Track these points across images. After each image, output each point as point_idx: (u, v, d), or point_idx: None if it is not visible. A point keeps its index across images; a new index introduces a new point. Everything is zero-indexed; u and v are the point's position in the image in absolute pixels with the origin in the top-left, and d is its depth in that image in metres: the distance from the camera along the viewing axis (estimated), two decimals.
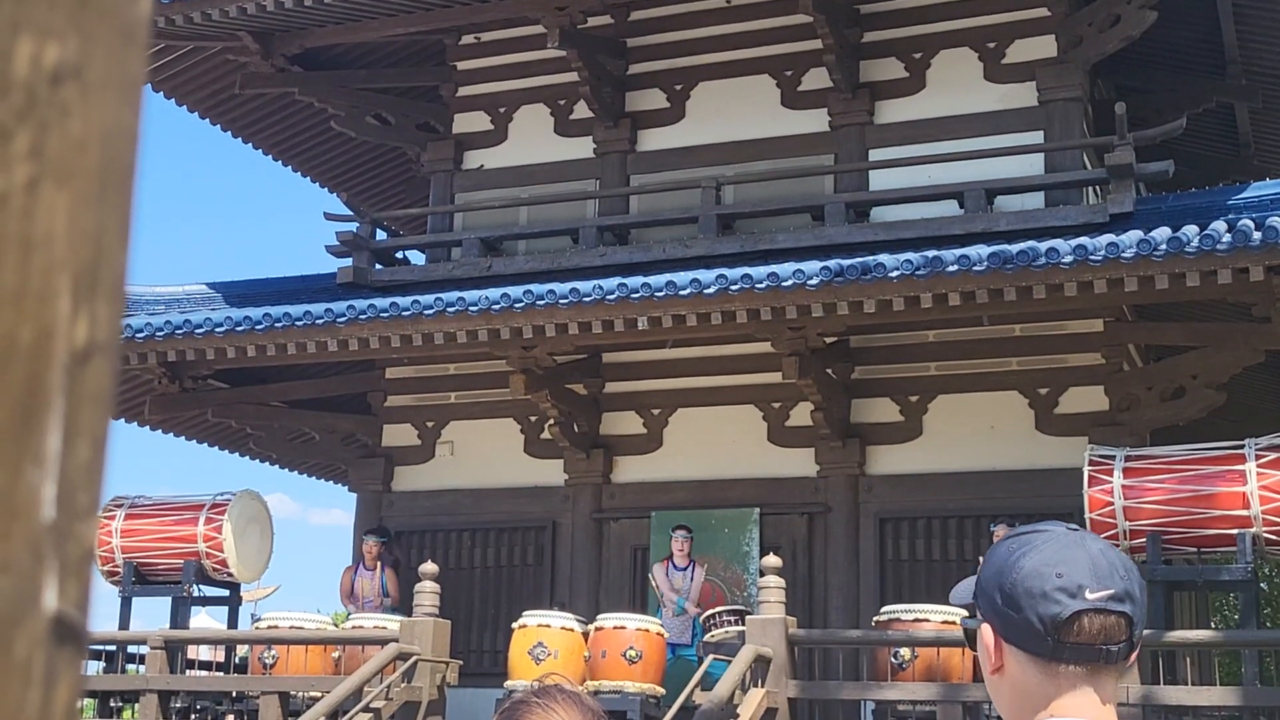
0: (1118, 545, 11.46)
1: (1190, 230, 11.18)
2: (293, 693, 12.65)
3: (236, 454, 18.06)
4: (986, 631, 1.57)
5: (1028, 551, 1.55)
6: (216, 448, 17.83)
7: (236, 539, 14.09)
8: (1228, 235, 10.95)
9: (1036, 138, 14.23)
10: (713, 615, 12.74)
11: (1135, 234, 11.34)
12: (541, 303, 12.69)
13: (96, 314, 0.43)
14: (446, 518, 15.65)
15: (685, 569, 13.35)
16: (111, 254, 0.43)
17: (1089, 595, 1.52)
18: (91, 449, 0.43)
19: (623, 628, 12.04)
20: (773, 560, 11.98)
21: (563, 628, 12.21)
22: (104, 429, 0.44)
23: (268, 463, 18.08)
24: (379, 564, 14.50)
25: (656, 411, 15.13)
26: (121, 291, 0.44)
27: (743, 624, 11.89)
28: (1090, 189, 14.24)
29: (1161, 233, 11.24)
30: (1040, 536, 1.58)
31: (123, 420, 16.69)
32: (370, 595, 14.32)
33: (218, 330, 13.69)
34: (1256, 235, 10.83)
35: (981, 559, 1.66)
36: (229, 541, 13.98)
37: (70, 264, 0.41)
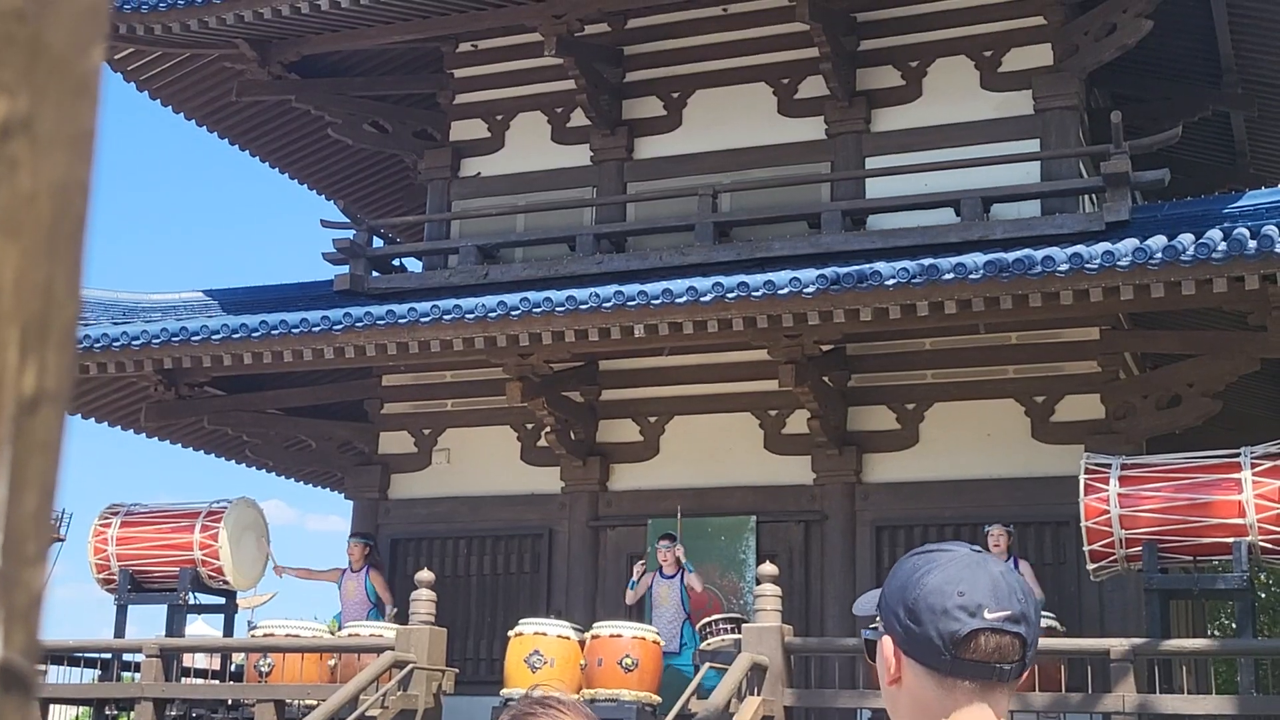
0: (1114, 554, 11.52)
1: (1186, 239, 11.19)
2: (289, 701, 12.64)
3: (233, 461, 18.05)
4: (887, 644, 1.61)
5: (932, 569, 1.60)
6: (213, 455, 17.82)
7: (232, 547, 14.09)
8: (1223, 244, 10.96)
9: (1032, 146, 14.24)
10: (709, 623, 12.73)
11: (1131, 242, 11.35)
12: (538, 310, 12.69)
13: (45, 364, 0.43)
14: (443, 525, 15.64)
15: (674, 577, 13.32)
16: (61, 305, 0.43)
17: (987, 615, 1.56)
18: (39, 498, 0.43)
19: (619, 636, 12.04)
20: (769, 568, 11.98)
21: (559, 636, 12.21)
22: (53, 478, 0.44)
23: (264, 470, 18.08)
24: (365, 566, 14.50)
25: (653, 419, 15.14)
26: (71, 341, 0.45)
27: (739, 632, 11.89)
28: (1086, 197, 14.26)
29: (1157, 241, 11.26)
30: (945, 555, 1.63)
31: (119, 427, 16.68)
32: (356, 598, 14.31)
33: (214, 338, 13.69)
34: (1252, 244, 10.85)
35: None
36: (225, 549, 13.98)
37: (18, 315, 0.41)
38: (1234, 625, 12.90)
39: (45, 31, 0.41)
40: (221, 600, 14.72)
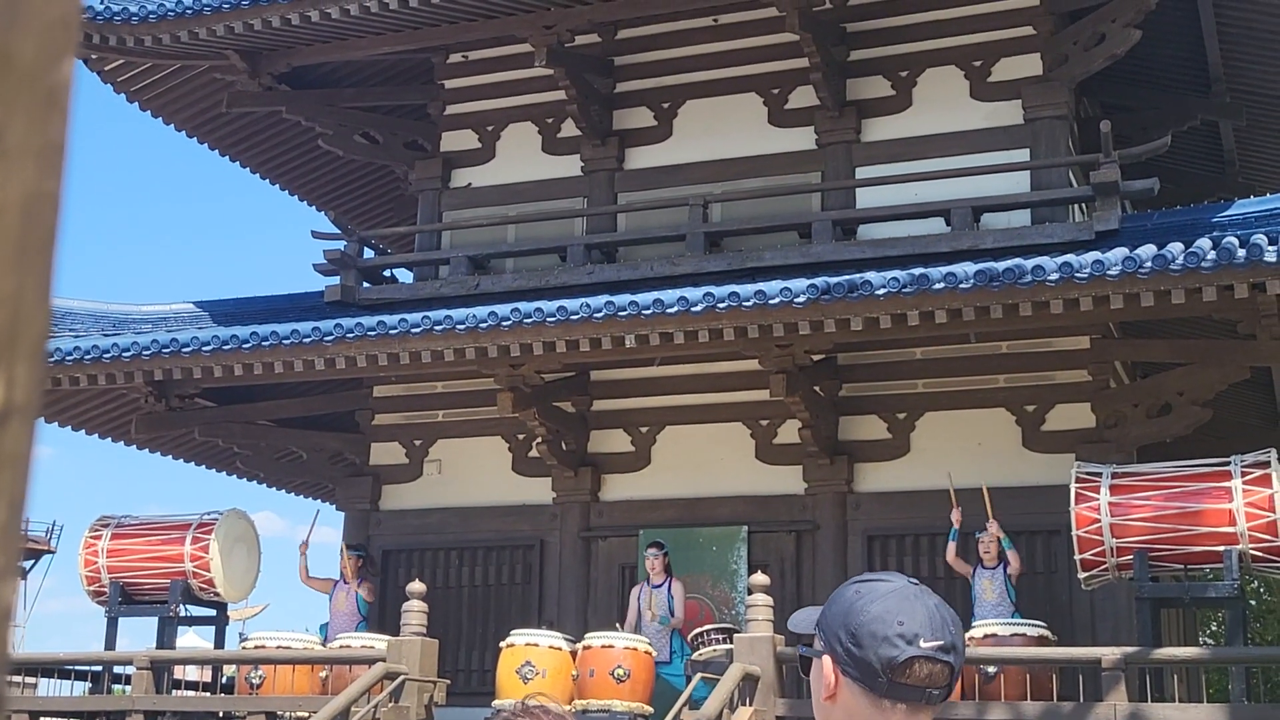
0: (1105, 562, 11.53)
1: (1175, 247, 11.21)
2: (280, 713, 12.61)
3: (224, 473, 18.01)
4: (827, 662, 1.73)
5: (875, 598, 1.73)
6: (204, 467, 17.79)
7: (223, 558, 14.06)
8: (1212, 252, 10.98)
9: (1022, 155, 14.27)
10: (701, 634, 12.73)
11: (1121, 251, 11.37)
12: (529, 321, 12.69)
13: (15, 377, 0.43)
14: (434, 536, 15.62)
15: (662, 585, 13.30)
16: (30, 317, 0.43)
17: (923, 644, 1.70)
18: (8, 511, 0.43)
19: (611, 646, 12.03)
20: (760, 579, 11.98)
21: (551, 646, 12.20)
22: (23, 491, 0.44)
23: (255, 482, 18.04)
24: (359, 579, 14.46)
25: (644, 429, 15.13)
26: (42, 354, 0.45)
27: (731, 642, 11.88)
28: (1076, 206, 14.28)
29: (1147, 250, 11.28)
30: (885, 586, 1.76)
31: (110, 439, 16.65)
32: (346, 609, 14.28)
33: (205, 349, 13.68)
34: (1241, 252, 10.87)
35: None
36: (215, 561, 13.96)
37: None
38: (1225, 633, 12.90)
39: (13, 44, 0.41)
40: (212, 612, 14.69)
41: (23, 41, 0.40)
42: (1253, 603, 23.15)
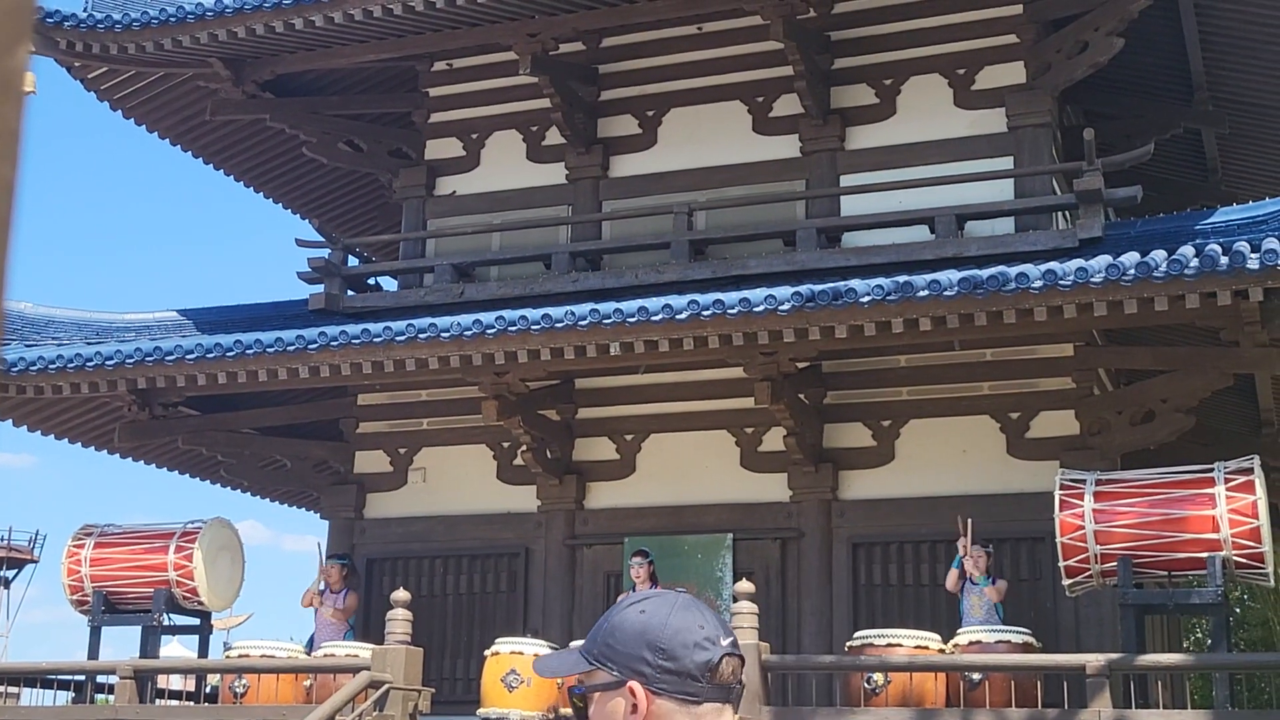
0: (1089, 569, 11.54)
1: (1158, 255, 11.24)
2: None
3: (208, 481, 17.95)
4: (636, 688, 1.73)
5: (668, 612, 1.76)
6: (188, 475, 17.73)
7: (207, 567, 14.01)
8: (1195, 260, 11.02)
9: (1006, 163, 14.30)
10: None
11: (1104, 259, 11.39)
12: (514, 329, 12.68)
13: None
14: (419, 544, 15.58)
15: None
16: None
17: (723, 642, 1.76)
18: None
19: None
20: (745, 586, 11.97)
21: (536, 655, 12.16)
22: None
23: (239, 490, 17.99)
24: (344, 589, 14.42)
25: (629, 437, 15.12)
26: None
27: None
28: (1060, 214, 14.32)
29: (1130, 258, 11.30)
30: (667, 599, 1.80)
31: (93, 448, 16.58)
32: (331, 619, 14.23)
33: (188, 357, 13.63)
34: (1223, 260, 10.91)
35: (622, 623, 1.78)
36: (199, 570, 13.90)
37: None
38: (1209, 640, 12.92)
39: None
40: (196, 621, 14.63)
41: None
42: (1236, 609, 23.20)
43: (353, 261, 16.47)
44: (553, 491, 15.05)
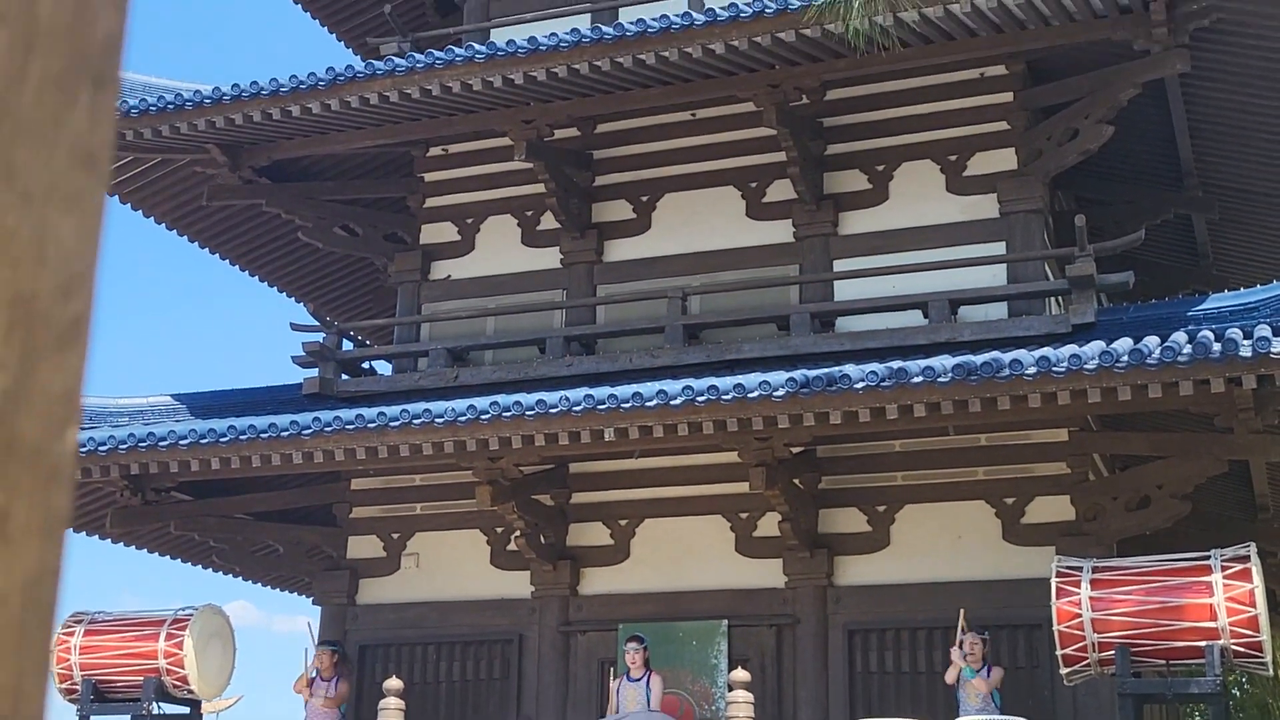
0: (1087, 658, 11.46)
1: (1151, 342, 11.28)
2: None
3: (200, 566, 17.84)
4: None
5: None
6: (179, 560, 17.62)
7: (198, 655, 13.88)
8: (1188, 347, 11.05)
9: (999, 249, 14.38)
10: None
11: (1097, 345, 11.43)
12: (508, 414, 12.67)
13: None
14: (412, 631, 15.46)
15: (640, 679, 13.17)
16: (29, 702, 0.42)
17: None
18: None
19: None
20: (741, 675, 11.89)
21: None
22: None
23: (231, 575, 17.87)
24: (335, 676, 14.29)
25: (624, 522, 15.06)
26: None
27: None
28: (1052, 299, 14.38)
29: (1123, 344, 11.34)
30: None
31: (84, 533, 16.49)
32: (323, 708, 14.08)
33: (182, 443, 13.60)
34: (1216, 347, 10.95)
35: None
36: (190, 658, 13.77)
37: None
38: None
39: (19, 425, 0.40)
40: (186, 710, 14.47)
41: (28, 421, 0.40)
42: (1235, 692, 23.04)
43: (347, 345, 16.48)
44: (546, 577, 14.97)
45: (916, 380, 11.55)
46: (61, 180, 0.45)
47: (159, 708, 14.07)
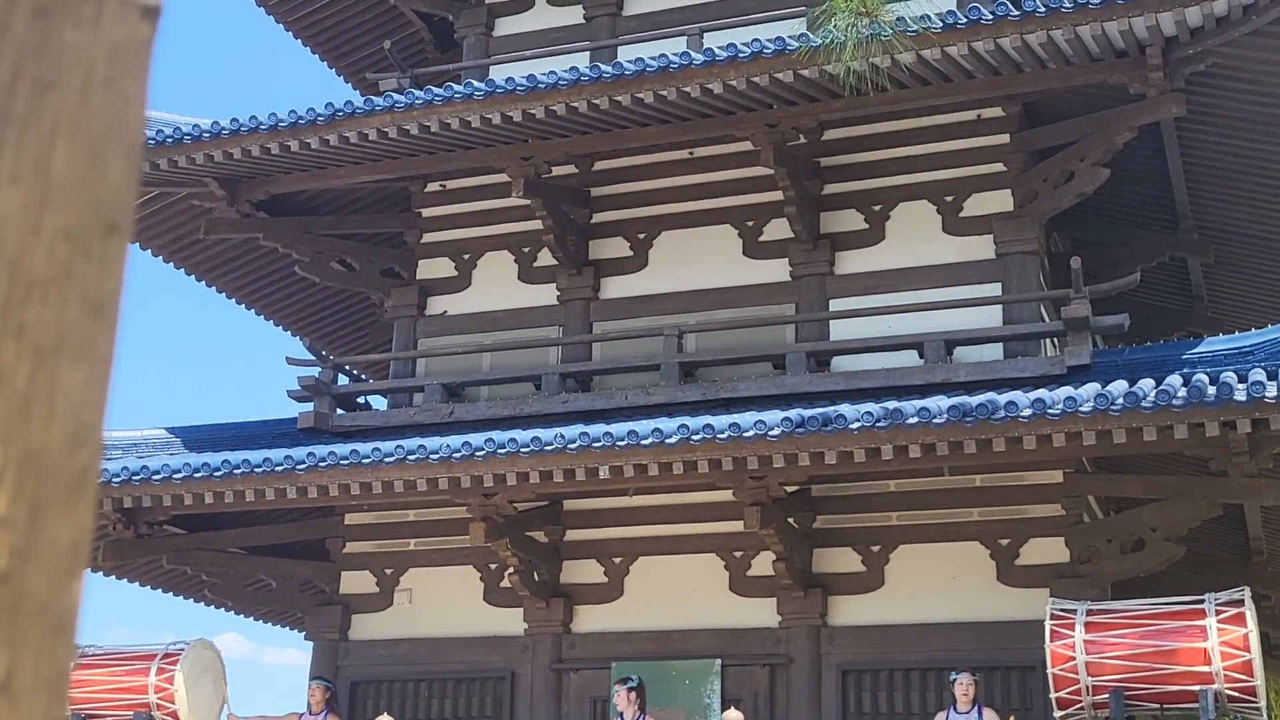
0: (1080, 701, 11.43)
1: (1146, 385, 11.30)
2: None
3: (192, 599, 17.78)
4: None
5: None
6: (171, 593, 17.56)
7: (189, 690, 13.82)
8: (1183, 390, 11.07)
9: (994, 290, 14.41)
10: None
11: (1093, 388, 11.45)
12: (503, 451, 12.66)
13: None
14: (404, 667, 15.40)
15: None
16: None
17: None
18: None
19: None
20: (734, 715, 11.86)
21: None
22: None
23: (223, 609, 17.80)
24: (324, 710, 14.23)
25: (618, 560, 15.02)
26: None
27: None
28: (1048, 340, 14.40)
29: (1118, 387, 11.36)
30: None
31: None
32: None
33: (176, 477, 13.58)
34: (1211, 390, 10.97)
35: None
36: (180, 693, 13.71)
37: None
38: None
39: (27, 582, 0.41)
40: None
41: (35, 577, 0.40)
42: None
43: (343, 380, 16.49)
44: (539, 614, 14.92)
45: (912, 421, 11.56)
46: (72, 332, 0.45)
47: None
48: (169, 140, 14.99)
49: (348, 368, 17.00)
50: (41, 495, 0.39)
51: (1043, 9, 12.43)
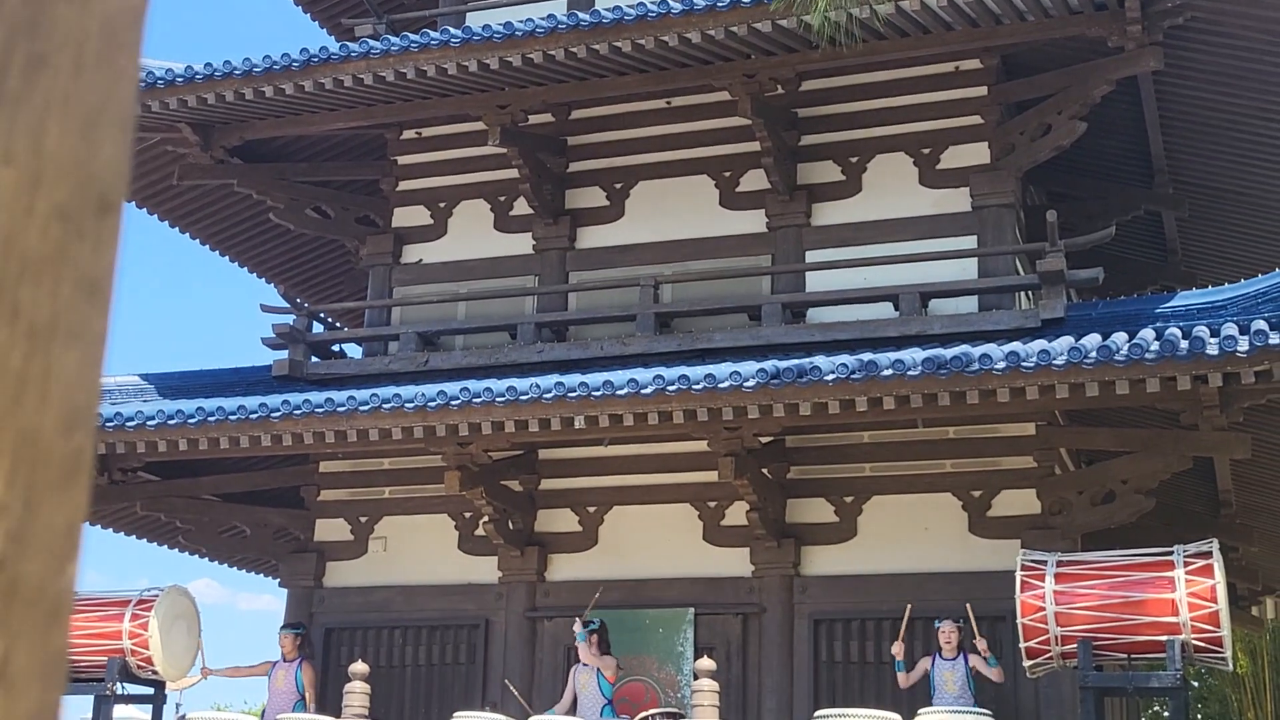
0: (1049, 651, 11.54)
1: (1119, 338, 11.35)
2: None
3: (165, 546, 17.77)
4: None
5: None
6: (145, 540, 17.54)
7: (163, 636, 13.83)
8: (1156, 344, 11.13)
9: (970, 242, 14.43)
10: (646, 717, 12.63)
11: (1066, 341, 11.50)
12: (478, 401, 12.66)
13: None
14: (378, 615, 15.45)
15: (589, 667, 13.21)
16: None
17: None
18: None
19: None
20: (706, 663, 11.93)
21: None
22: None
23: (197, 556, 17.81)
24: (298, 658, 14.29)
25: (592, 509, 15.07)
26: None
27: None
28: (1022, 294, 14.44)
29: (1091, 340, 11.41)
30: None
31: None
32: (285, 687, 14.08)
33: (149, 423, 13.54)
34: (1183, 344, 11.03)
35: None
36: (155, 639, 13.72)
37: None
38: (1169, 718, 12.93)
39: (22, 568, 0.40)
40: (150, 690, 14.42)
41: (31, 564, 0.40)
42: (1195, 684, 23.24)
43: (317, 328, 16.42)
44: (514, 563, 14.97)
45: (886, 373, 11.60)
46: (66, 313, 0.45)
47: (122, 688, 14.02)
48: (142, 85, 14.82)
49: (323, 315, 16.92)
50: (36, 479, 0.39)
51: None
